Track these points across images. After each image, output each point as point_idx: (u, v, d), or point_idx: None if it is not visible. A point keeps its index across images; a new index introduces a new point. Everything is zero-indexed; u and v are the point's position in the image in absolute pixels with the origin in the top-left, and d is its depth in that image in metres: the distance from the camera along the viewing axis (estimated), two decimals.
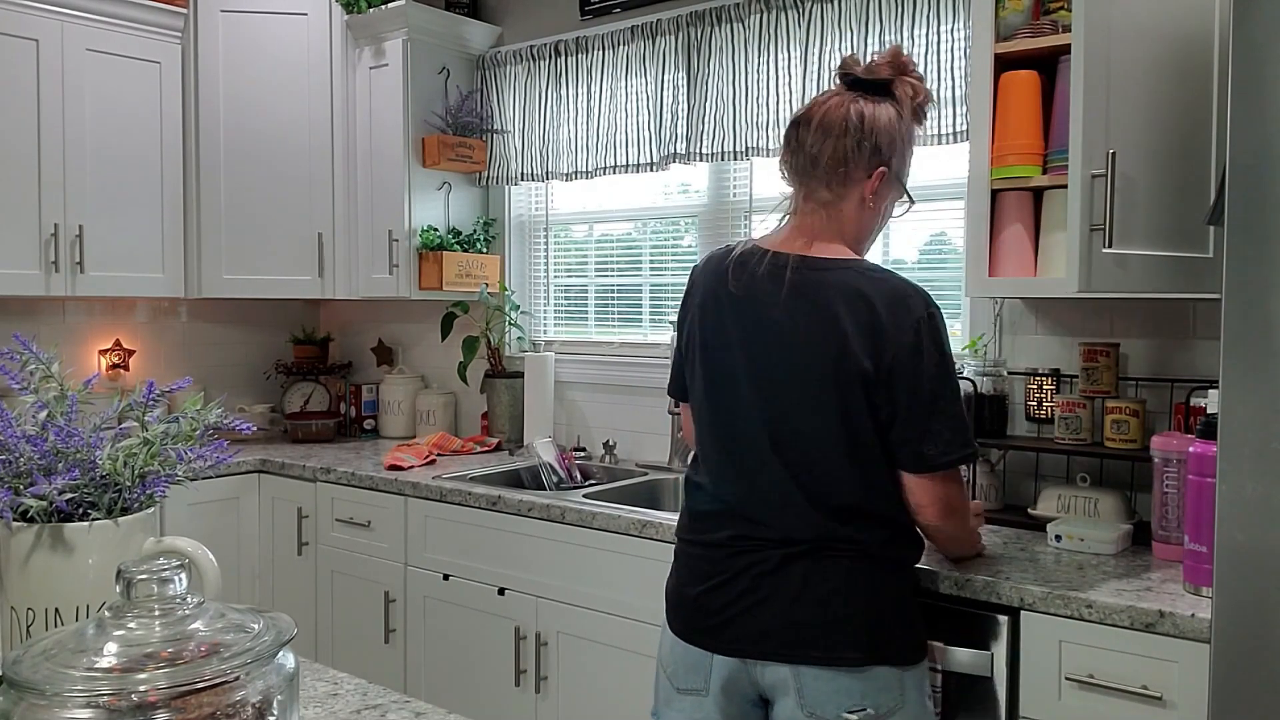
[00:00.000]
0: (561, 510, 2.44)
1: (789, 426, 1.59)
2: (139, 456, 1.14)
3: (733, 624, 1.59)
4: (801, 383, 1.58)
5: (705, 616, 1.62)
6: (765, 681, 1.59)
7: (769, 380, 1.61)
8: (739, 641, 1.59)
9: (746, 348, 1.63)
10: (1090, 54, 1.61)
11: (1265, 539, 1.34)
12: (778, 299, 1.61)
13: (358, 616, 2.95)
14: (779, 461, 1.59)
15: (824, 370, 1.56)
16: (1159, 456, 1.92)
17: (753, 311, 1.63)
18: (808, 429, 1.58)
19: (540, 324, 3.51)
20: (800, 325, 1.58)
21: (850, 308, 1.56)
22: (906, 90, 1.68)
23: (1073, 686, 1.69)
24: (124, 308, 3.52)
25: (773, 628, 1.56)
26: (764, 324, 1.62)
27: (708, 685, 1.62)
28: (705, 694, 1.63)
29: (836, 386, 1.56)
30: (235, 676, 0.75)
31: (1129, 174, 1.65)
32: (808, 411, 1.58)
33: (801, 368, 1.58)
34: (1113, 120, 1.64)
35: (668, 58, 2.94)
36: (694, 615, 1.64)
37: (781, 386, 1.60)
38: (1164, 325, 2.23)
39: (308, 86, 3.34)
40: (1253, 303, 1.34)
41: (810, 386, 1.57)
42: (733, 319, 1.66)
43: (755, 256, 1.67)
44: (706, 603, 1.63)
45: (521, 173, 3.32)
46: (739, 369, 1.64)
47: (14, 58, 2.93)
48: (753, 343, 1.63)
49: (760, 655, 1.57)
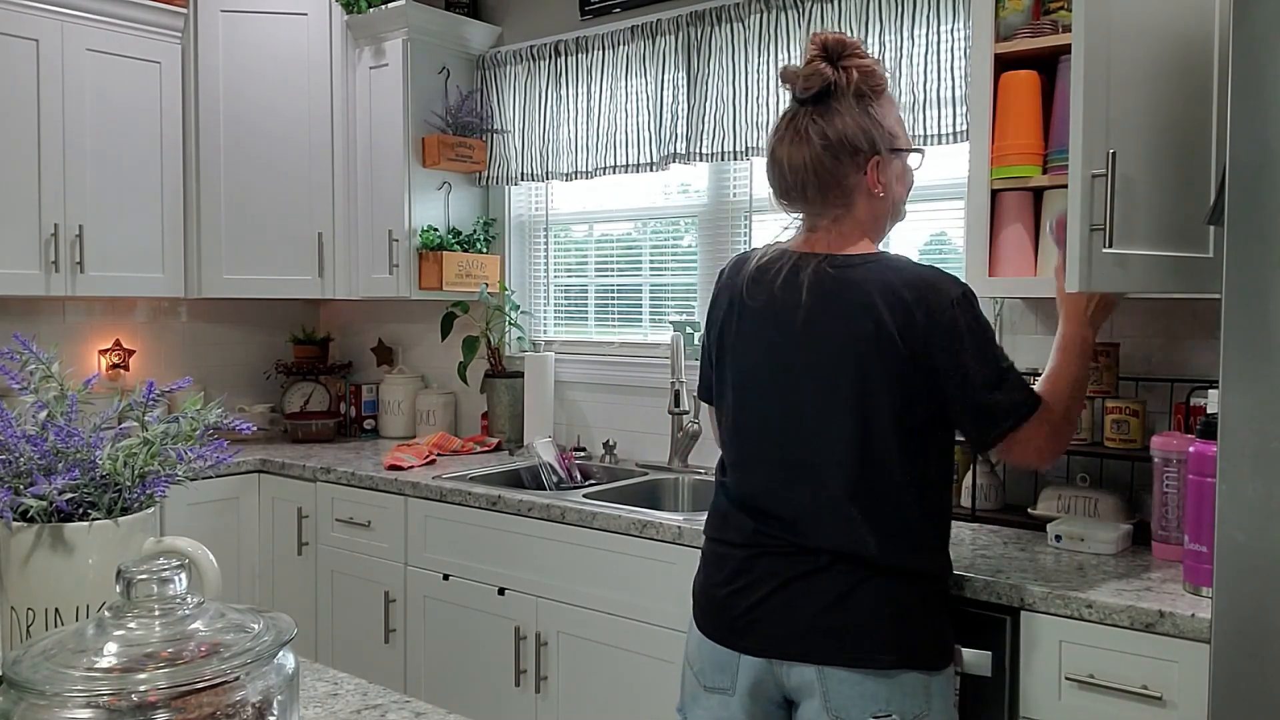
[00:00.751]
0: (561, 510, 2.44)
1: (813, 432, 1.58)
2: (139, 456, 1.14)
3: (760, 625, 1.58)
4: (830, 387, 1.56)
5: (733, 617, 1.62)
6: (791, 683, 1.58)
7: (794, 385, 1.60)
8: (766, 642, 1.58)
9: (773, 353, 1.62)
10: (1090, 54, 1.60)
11: (1265, 539, 1.34)
12: (800, 301, 1.59)
13: (358, 616, 2.95)
14: (805, 468, 1.58)
15: (853, 373, 1.54)
16: (1159, 456, 1.92)
17: (778, 316, 1.62)
18: (834, 435, 1.56)
19: (540, 324, 3.51)
20: (828, 328, 1.57)
21: (883, 301, 1.54)
22: (853, 78, 1.61)
23: (1073, 686, 1.69)
24: (124, 308, 3.52)
25: (800, 630, 1.55)
26: (789, 329, 1.60)
27: (734, 685, 1.61)
28: (731, 693, 1.62)
29: (868, 388, 1.54)
30: (235, 676, 0.75)
31: (1129, 174, 1.64)
32: (835, 417, 1.56)
33: (828, 371, 1.56)
34: (1113, 120, 1.63)
35: (668, 58, 2.94)
36: (721, 615, 1.63)
37: (807, 391, 1.58)
38: (1164, 325, 2.23)
39: (308, 86, 3.34)
40: (1253, 303, 1.34)
41: (840, 390, 1.55)
42: (758, 324, 1.65)
43: (780, 259, 1.65)
44: (734, 603, 1.62)
45: (521, 173, 3.32)
46: (765, 374, 1.63)
47: (14, 58, 2.93)
48: (779, 348, 1.62)
49: (787, 656, 1.56)
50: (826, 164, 1.61)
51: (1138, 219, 1.68)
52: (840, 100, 1.61)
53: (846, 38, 1.64)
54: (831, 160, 1.61)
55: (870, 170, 1.62)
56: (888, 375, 1.54)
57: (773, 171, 1.68)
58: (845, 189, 1.63)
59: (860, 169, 1.62)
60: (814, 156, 1.61)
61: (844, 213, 1.64)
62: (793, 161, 1.63)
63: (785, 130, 1.65)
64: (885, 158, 1.63)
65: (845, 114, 1.61)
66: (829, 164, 1.62)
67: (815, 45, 1.63)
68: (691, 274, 3.11)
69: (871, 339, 1.53)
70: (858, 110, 1.61)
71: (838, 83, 1.61)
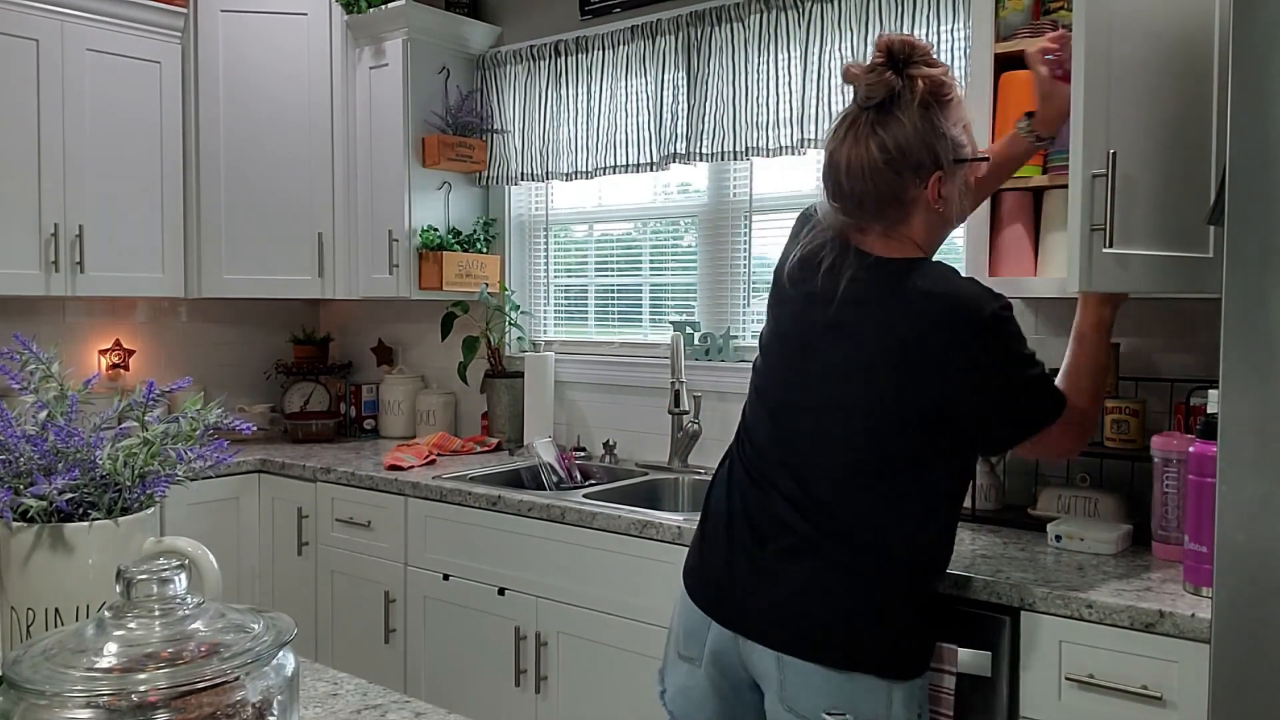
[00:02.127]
0: (561, 510, 2.44)
1: (823, 430, 1.57)
2: (139, 456, 1.14)
3: (734, 599, 1.61)
4: (846, 387, 1.55)
5: (715, 587, 1.65)
6: (754, 668, 1.59)
7: (813, 377, 1.59)
8: (736, 615, 1.60)
9: (803, 339, 1.62)
10: (1090, 54, 1.60)
11: (1265, 539, 1.34)
12: (835, 297, 1.57)
13: (358, 616, 2.95)
14: (810, 462, 1.58)
15: (873, 377, 1.53)
16: (1159, 456, 1.92)
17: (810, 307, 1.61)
18: (840, 436, 1.55)
19: (540, 324, 3.51)
20: (857, 329, 1.55)
21: (916, 312, 1.51)
22: (918, 88, 1.53)
23: (1073, 686, 1.69)
24: (124, 308, 3.52)
25: (765, 610, 1.57)
26: (819, 322, 1.59)
27: (701, 654, 1.65)
28: (698, 664, 1.66)
29: (883, 393, 1.53)
30: (235, 676, 0.75)
31: (1129, 174, 1.64)
32: (844, 418, 1.55)
33: (848, 370, 1.55)
34: (1113, 120, 1.63)
35: (668, 58, 2.94)
36: (705, 583, 1.67)
37: (826, 385, 1.57)
38: (1164, 325, 2.23)
39: (308, 86, 3.34)
40: (1253, 303, 1.34)
41: (855, 391, 1.54)
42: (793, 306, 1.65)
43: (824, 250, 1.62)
44: (719, 574, 1.65)
45: (521, 173, 3.32)
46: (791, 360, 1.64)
47: (14, 58, 2.93)
48: (808, 337, 1.61)
49: (748, 633, 1.58)
50: (887, 177, 1.55)
51: (1138, 219, 1.68)
52: (904, 110, 1.54)
53: (916, 42, 1.56)
54: (892, 174, 1.55)
55: (932, 186, 1.56)
56: (909, 385, 1.51)
57: (829, 175, 1.61)
58: (903, 203, 1.57)
59: (922, 183, 1.56)
60: (873, 168, 1.55)
61: (895, 224, 1.59)
62: (851, 169, 1.56)
63: (845, 134, 1.59)
64: (949, 169, 1.57)
65: (908, 124, 1.53)
66: (889, 178, 1.55)
67: (880, 50, 1.55)
68: (691, 274, 3.11)
69: (896, 349, 1.51)
70: (921, 121, 1.54)
71: (902, 93, 1.54)
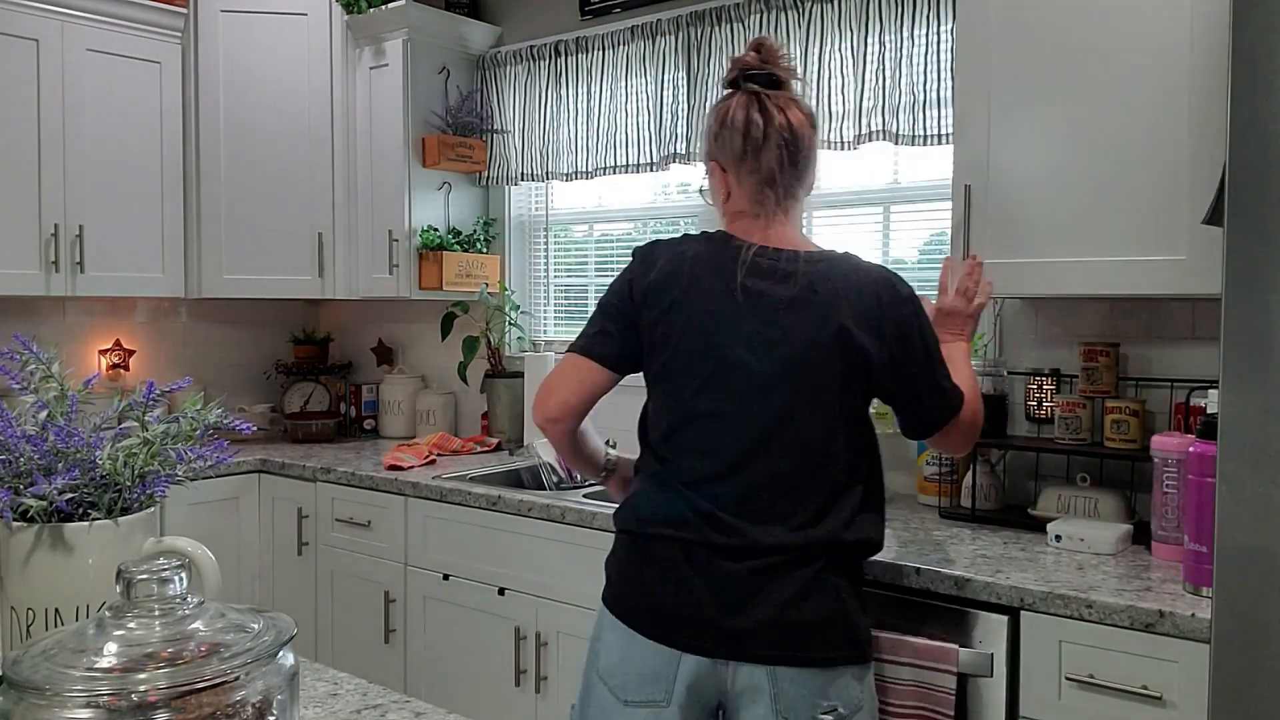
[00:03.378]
0: (561, 510, 2.44)
1: (782, 429, 1.55)
2: (139, 456, 1.14)
3: (709, 623, 1.51)
4: (803, 382, 1.55)
5: (681, 619, 1.53)
6: (736, 686, 1.52)
7: (769, 380, 1.55)
8: (716, 642, 1.51)
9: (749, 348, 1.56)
10: None
11: (1265, 539, 1.34)
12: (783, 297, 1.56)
13: (358, 616, 2.95)
14: (765, 463, 1.55)
15: (826, 364, 1.55)
16: (1159, 456, 1.92)
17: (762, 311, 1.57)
18: (803, 433, 1.55)
19: (540, 324, 3.51)
20: (804, 322, 1.55)
21: (854, 298, 1.56)
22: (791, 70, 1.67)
23: (1073, 686, 1.69)
24: (124, 308, 3.52)
25: (752, 629, 1.51)
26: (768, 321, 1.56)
27: (670, 694, 1.52)
28: (665, 704, 1.53)
29: (836, 380, 1.55)
30: (235, 676, 0.75)
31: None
32: (805, 414, 1.55)
33: (802, 365, 1.55)
34: None
35: (668, 58, 2.94)
36: (666, 618, 1.54)
37: (783, 386, 1.55)
38: (1164, 325, 2.23)
39: (308, 86, 3.34)
40: (1253, 303, 1.34)
41: (811, 381, 1.55)
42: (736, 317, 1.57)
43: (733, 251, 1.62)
44: (679, 603, 1.53)
45: (521, 173, 3.32)
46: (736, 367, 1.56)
47: (14, 58, 2.93)
48: (755, 342, 1.56)
49: (740, 656, 1.51)
50: (808, 136, 1.59)
51: (1133, 219, 1.68)
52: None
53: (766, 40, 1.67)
54: (811, 133, 1.60)
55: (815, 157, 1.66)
56: (853, 373, 1.56)
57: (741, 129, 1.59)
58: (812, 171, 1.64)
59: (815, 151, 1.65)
60: (799, 121, 1.59)
61: (796, 202, 1.64)
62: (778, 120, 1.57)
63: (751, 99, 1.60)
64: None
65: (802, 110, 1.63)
66: (808, 137, 1.60)
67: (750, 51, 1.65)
68: None
69: (845, 330, 1.54)
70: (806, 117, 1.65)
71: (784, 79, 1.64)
